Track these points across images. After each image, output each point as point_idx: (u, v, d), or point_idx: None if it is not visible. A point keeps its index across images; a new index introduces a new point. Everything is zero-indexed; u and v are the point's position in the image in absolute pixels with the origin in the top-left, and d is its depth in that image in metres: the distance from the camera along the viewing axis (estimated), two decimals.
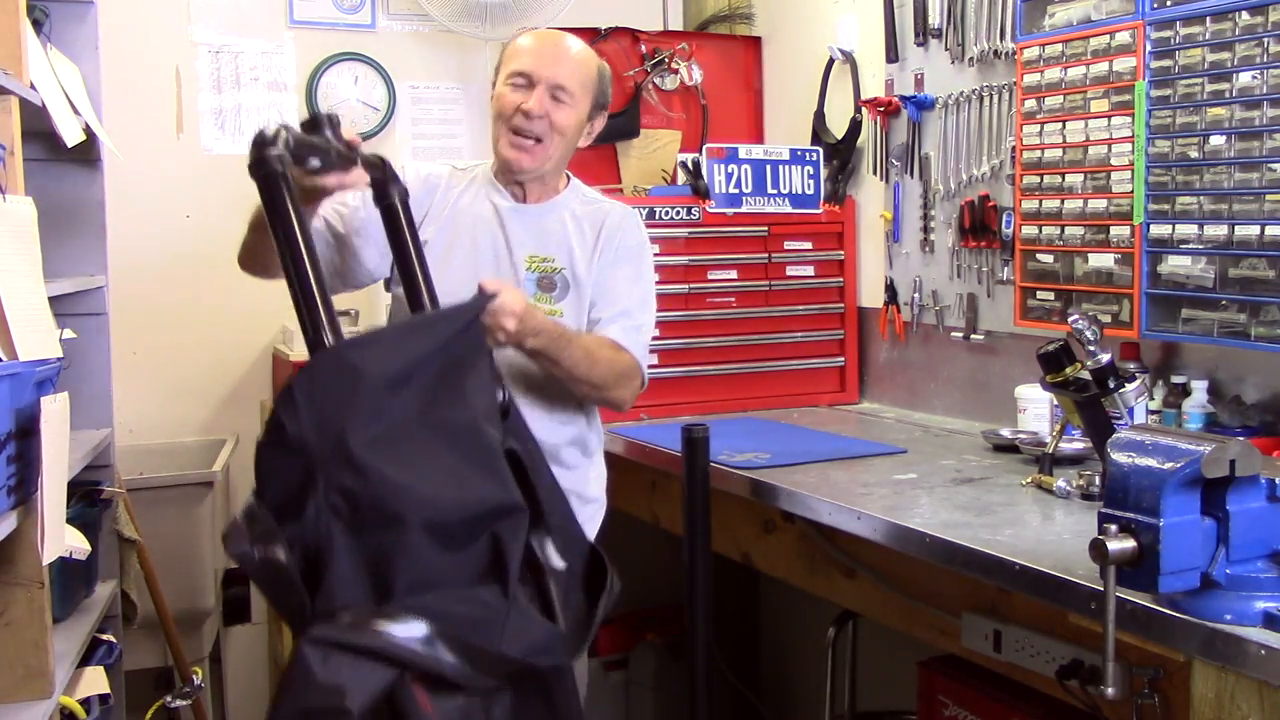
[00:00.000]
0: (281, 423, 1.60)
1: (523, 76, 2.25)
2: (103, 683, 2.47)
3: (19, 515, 1.93)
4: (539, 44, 2.30)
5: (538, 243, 2.30)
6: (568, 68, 2.27)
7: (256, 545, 1.57)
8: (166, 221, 3.50)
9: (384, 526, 1.60)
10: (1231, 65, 2.27)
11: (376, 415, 1.63)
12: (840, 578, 2.39)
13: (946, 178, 3.09)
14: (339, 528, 1.58)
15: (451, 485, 1.66)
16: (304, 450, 1.60)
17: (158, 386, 3.51)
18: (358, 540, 1.59)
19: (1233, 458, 1.47)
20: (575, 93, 2.27)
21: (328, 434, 1.60)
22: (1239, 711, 1.50)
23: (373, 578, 1.59)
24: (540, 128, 2.24)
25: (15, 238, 2.01)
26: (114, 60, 3.09)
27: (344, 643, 1.53)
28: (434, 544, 1.62)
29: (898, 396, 3.31)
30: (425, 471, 1.65)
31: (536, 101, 2.23)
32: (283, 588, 1.58)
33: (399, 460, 1.63)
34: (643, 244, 2.41)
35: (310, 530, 1.58)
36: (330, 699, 1.50)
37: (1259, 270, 2.24)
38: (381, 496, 1.60)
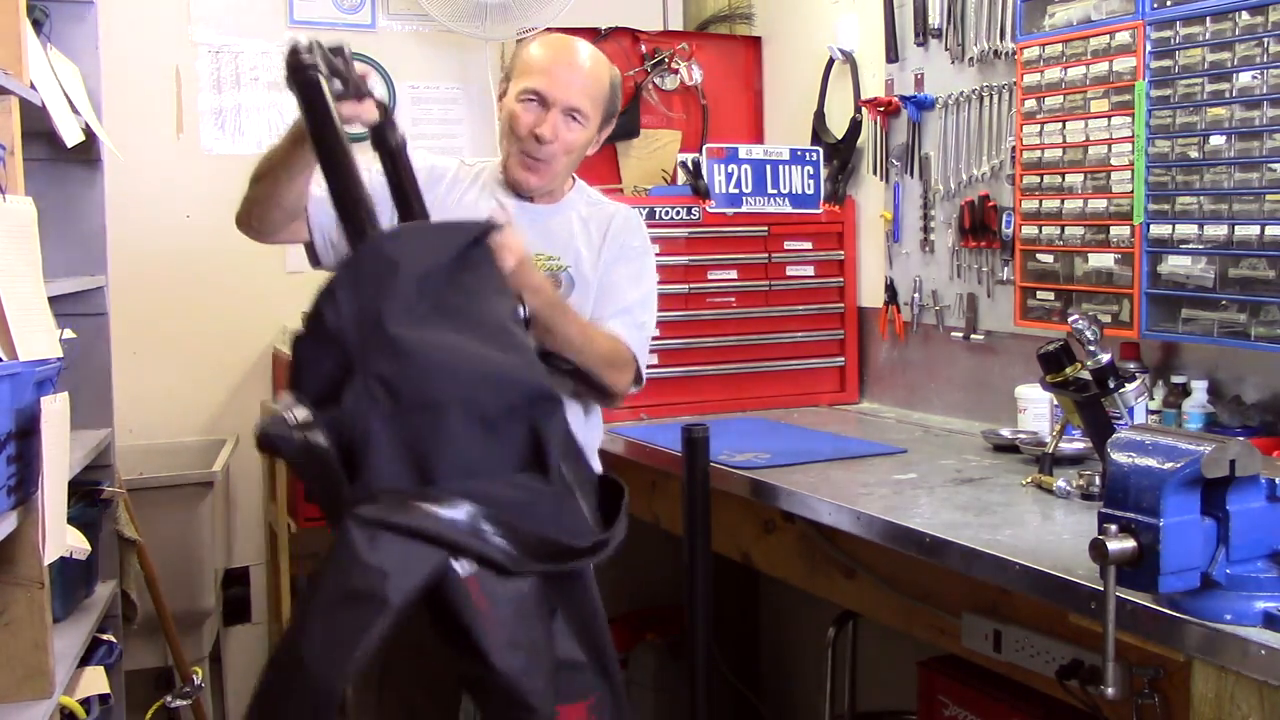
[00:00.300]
0: (321, 313, 1.61)
1: (536, 95, 2.22)
2: (103, 683, 2.47)
3: (19, 515, 1.93)
4: (554, 61, 2.25)
5: (545, 242, 2.30)
6: (582, 88, 2.24)
7: (295, 430, 1.55)
8: (166, 221, 3.50)
9: (423, 410, 1.60)
10: (1231, 65, 2.27)
11: (413, 305, 1.64)
12: (840, 578, 2.39)
13: (946, 178, 3.09)
14: (377, 413, 1.58)
15: (489, 370, 1.67)
16: (341, 339, 1.60)
17: (158, 386, 3.50)
18: (396, 427, 1.59)
19: (1233, 458, 1.47)
20: (589, 113, 2.26)
21: (366, 320, 1.61)
22: (1239, 711, 1.50)
23: (413, 464, 1.59)
24: (551, 152, 2.24)
25: (15, 238, 2.01)
26: (114, 60, 3.09)
27: (391, 523, 1.52)
28: (474, 429, 1.63)
29: (898, 396, 3.31)
30: (462, 356, 1.65)
31: (550, 127, 2.22)
32: (322, 472, 1.57)
33: (436, 344, 1.64)
34: (646, 245, 2.42)
35: (348, 417, 1.58)
36: (374, 582, 1.48)
37: (1259, 270, 2.24)
38: (420, 379, 1.60)
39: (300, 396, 1.60)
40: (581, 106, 2.24)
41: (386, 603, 1.48)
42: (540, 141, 2.23)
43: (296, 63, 1.71)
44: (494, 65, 3.81)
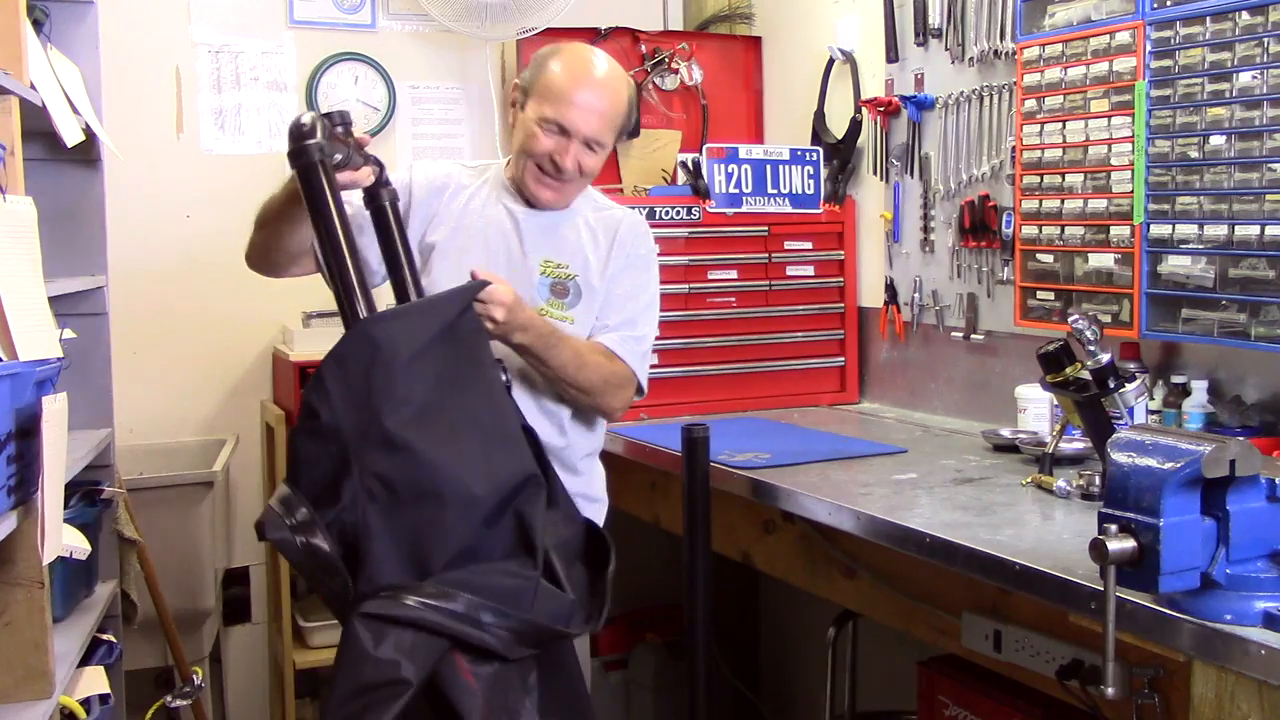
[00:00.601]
0: (315, 410, 1.66)
1: (557, 125, 2.21)
2: (103, 683, 2.47)
3: (19, 515, 1.93)
4: (578, 92, 2.20)
5: (553, 249, 2.29)
6: (602, 119, 2.23)
7: (296, 533, 1.62)
8: (166, 221, 3.50)
9: (421, 505, 1.65)
10: (1231, 65, 2.27)
11: (405, 396, 1.68)
12: (840, 578, 2.39)
13: (946, 178, 3.09)
14: (375, 510, 1.64)
15: (481, 463, 1.72)
16: (337, 436, 1.65)
17: (158, 386, 3.50)
18: (394, 521, 1.64)
19: (1233, 458, 1.47)
20: (608, 141, 2.27)
21: (361, 416, 1.65)
22: (1239, 711, 1.50)
23: (411, 557, 1.65)
24: (569, 176, 2.25)
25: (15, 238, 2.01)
26: (114, 60, 3.09)
27: (395, 617, 1.58)
28: (468, 521, 1.68)
29: (898, 396, 3.31)
30: (457, 450, 1.71)
31: (571, 158, 2.22)
32: (326, 572, 1.63)
33: (432, 439, 1.69)
34: (651, 252, 2.42)
35: (348, 514, 1.63)
36: (387, 672, 1.55)
37: (1259, 270, 2.24)
38: (418, 476, 1.65)
39: (298, 493, 1.65)
40: (602, 138, 2.24)
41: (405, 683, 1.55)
42: (560, 170, 2.23)
43: (299, 146, 1.73)
44: (494, 65, 3.81)
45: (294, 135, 1.74)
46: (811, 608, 3.42)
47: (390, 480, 1.65)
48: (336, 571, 1.63)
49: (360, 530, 1.64)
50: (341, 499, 1.64)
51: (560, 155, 2.21)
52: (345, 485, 1.65)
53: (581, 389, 2.21)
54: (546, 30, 3.56)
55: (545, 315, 2.21)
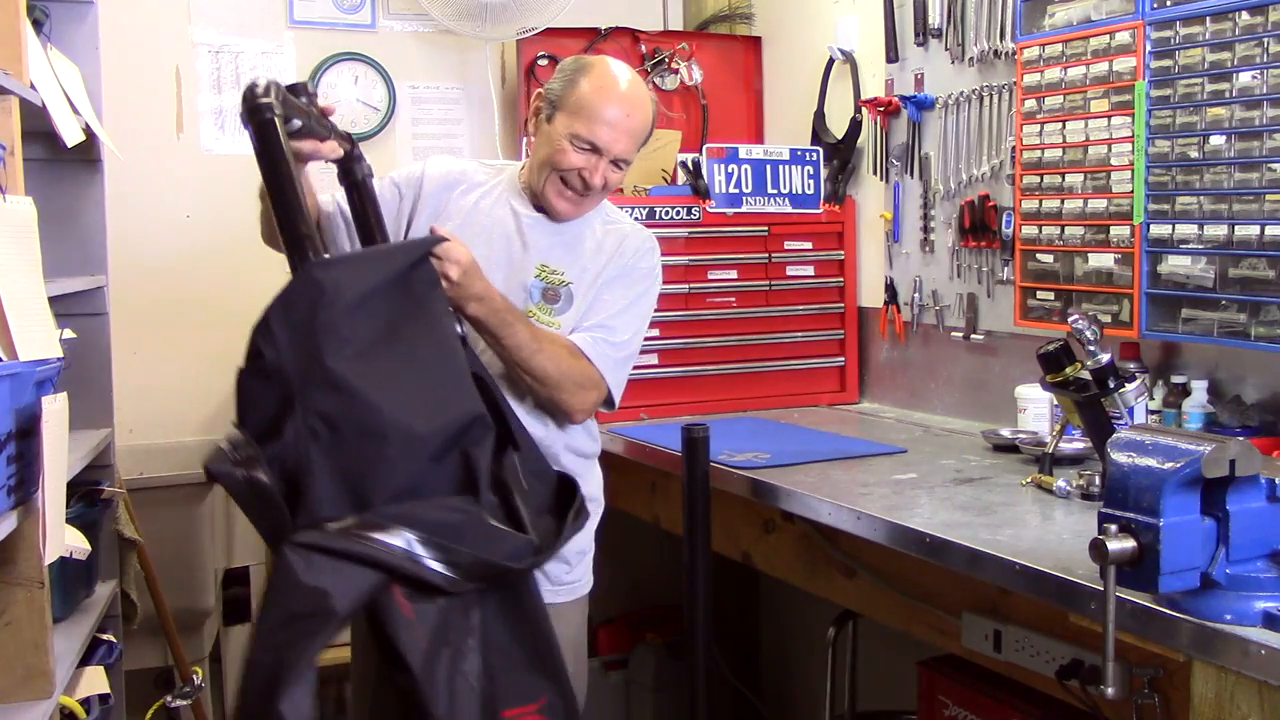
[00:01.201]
0: (260, 351, 1.68)
1: (590, 144, 2.21)
2: (103, 683, 2.47)
3: (19, 515, 1.93)
4: (612, 113, 2.21)
5: (552, 255, 2.28)
6: (632, 139, 2.25)
7: (239, 467, 1.64)
8: (166, 221, 3.50)
9: (362, 443, 1.67)
10: (1231, 65, 2.27)
11: (348, 336, 1.70)
12: (840, 578, 2.39)
13: (946, 178, 3.09)
14: (317, 448, 1.65)
15: (424, 401, 1.74)
16: (281, 376, 1.67)
17: (158, 386, 3.50)
18: (335, 458, 1.66)
19: (1233, 458, 1.47)
20: (632, 157, 2.28)
21: (304, 356, 1.67)
22: (1239, 711, 1.50)
23: (351, 494, 1.66)
24: (595, 193, 2.26)
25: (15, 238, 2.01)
26: (114, 60, 3.09)
27: (327, 547, 1.59)
28: (411, 459, 1.70)
29: (898, 396, 3.31)
30: (400, 389, 1.72)
31: (600, 176, 2.23)
32: (265, 506, 1.64)
33: (373, 378, 1.70)
34: (652, 272, 2.37)
35: (290, 451, 1.65)
36: (316, 601, 1.56)
37: (1259, 270, 2.24)
38: (359, 414, 1.67)
39: (244, 432, 1.68)
40: (630, 156, 2.26)
41: (332, 614, 1.56)
42: (588, 187, 2.23)
43: (252, 104, 1.72)
44: (494, 65, 3.81)
45: (247, 97, 1.75)
46: (811, 608, 3.42)
47: (332, 418, 1.67)
48: (275, 505, 1.65)
49: (302, 467, 1.65)
50: (284, 436, 1.66)
51: (590, 173, 2.22)
52: (288, 423, 1.66)
53: (535, 376, 2.15)
54: (546, 30, 3.57)
55: (532, 317, 2.21)
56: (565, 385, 2.18)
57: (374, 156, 3.67)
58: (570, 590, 2.32)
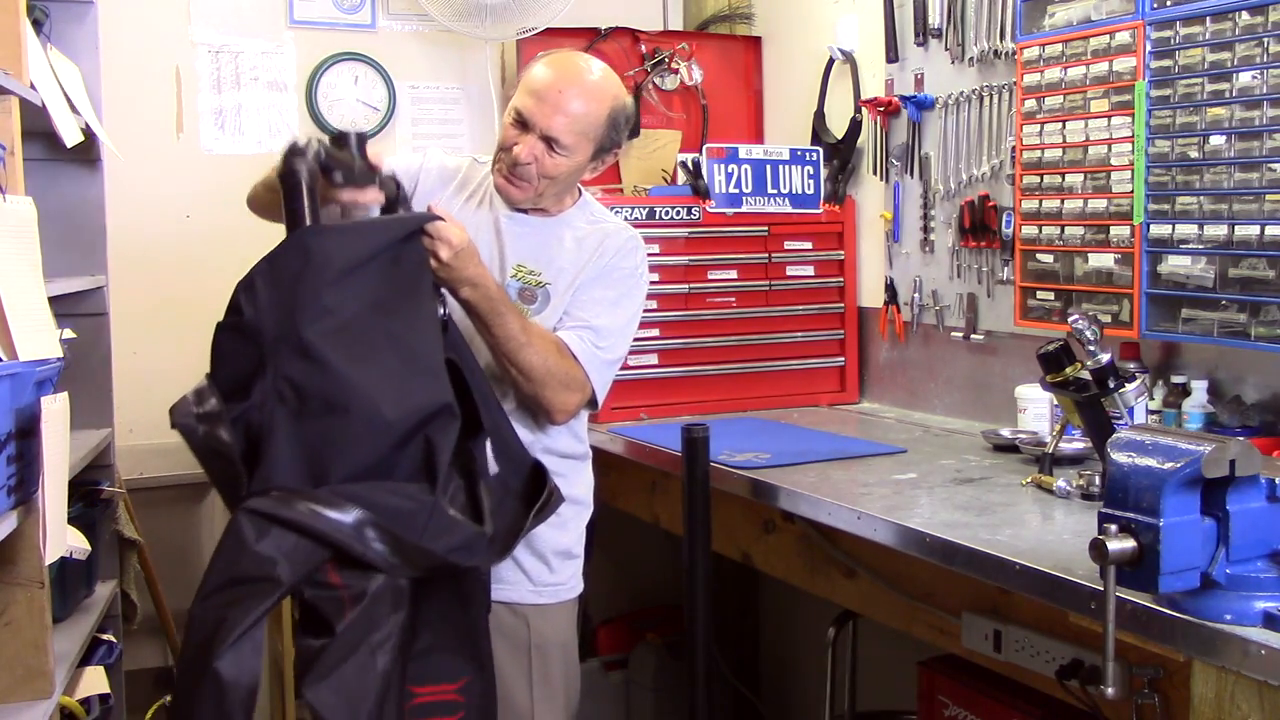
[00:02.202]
0: (240, 308, 1.74)
1: (517, 114, 2.18)
2: (103, 682, 2.47)
3: (19, 515, 1.93)
4: (548, 88, 2.16)
5: (530, 254, 2.25)
6: (567, 120, 2.16)
7: (202, 422, 1.69)
8: (166, 221, 3.50)
9: (326, 415, 1.71)
10: (1231, 65, 2.27)
11: (330, 307, 1.75)
12: (840, 578, 2.39)
13: (946, 178, 3.09)
14: (282, 413, 1.70)
15: (394, 383, 1.77)
16: (257, 335, 1.73)
17: (158, 386, 3.48)
18: (299, 426, 1.71)
19: (1233, 458, 1.47)
20: (570, 144, 2.17)
21: (283, 320, 1.72)
22: (1239, 711, 1.50)
23: (309, 464, 1.70)
24: (528, 173, 2.19)
25: (15, 238, 2.01)
26: (114, 60, 3.09)
27: (279, 517, 1.64)
28: (372, 439, 1.73)
29: (898, 396, 3.31)
30: (372, 367, 1.76)
31: (526, 150, 2.16)
32: (221, 463, 1.69)
33: (347, 353, 1.74)
34: (635, 271, 2.31)
35: (255, 412, 1.70)
36: (263, 568, 1.62)
37: (1259, 270, 2.24)
38: (328, 388, 1.71)
39: (213, 386, 1.74)
40: (561, 138, 2.16)
41: (278, 582, 1.62)
42: (516, 162, 2.18)
43: (289, 167, 1.81)
44: (494, 65, 3.81)
45: (287, 154, 1.82)
46: (811, 608, 3.42)
47: (300, 387, 1.71)
48: (231, 464, 1.68)
49: (264, 429, 1.69)
50: (251, 396, 1.70)
51: (520, 150, 2.16)
52: (257, 384, 1.71)
53: (521, 370, 2.11)
54: (546, 30, 3.56)
55: None
56: (550, 383, 2.13)
57: None
58: (554, 592, 2.28)
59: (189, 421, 1.70)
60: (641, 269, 2.33)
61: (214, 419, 1.69)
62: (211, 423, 1.69)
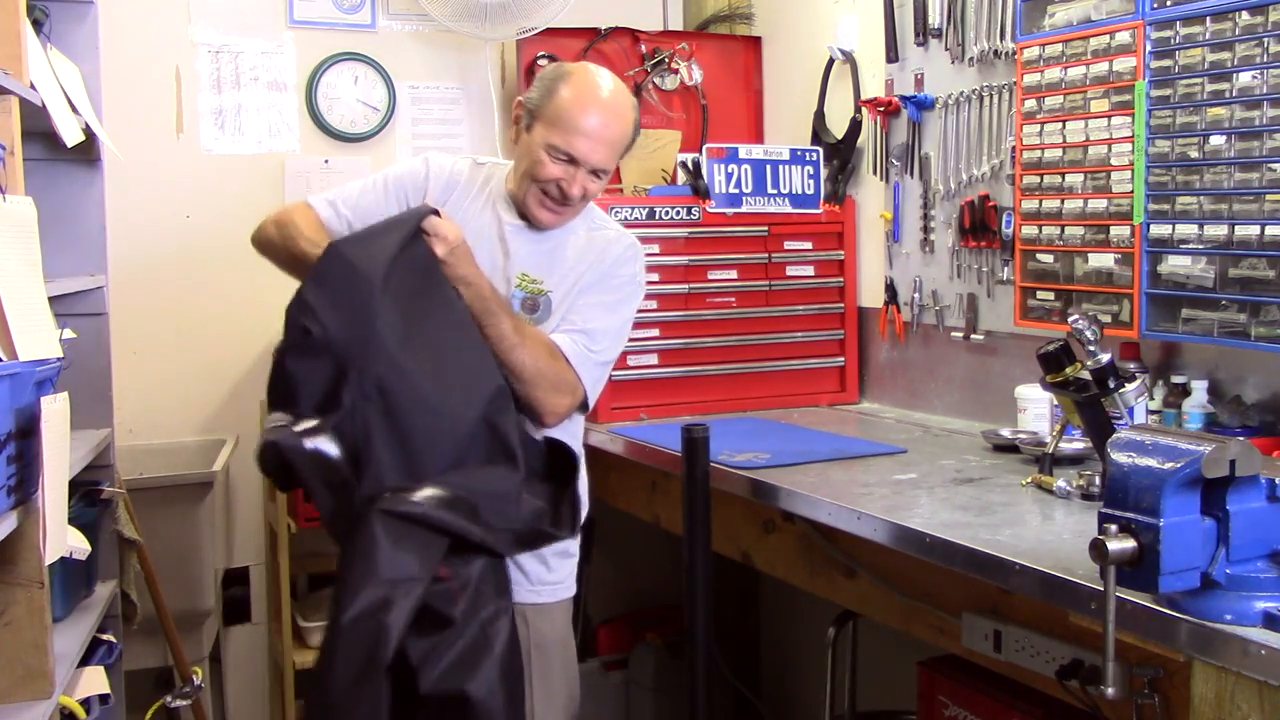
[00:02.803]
0: (305, 328, 1.81)
1: (566, 155, 2.19)
2: (103, 683, 2.47)
3: (19, 515, 1.93)
4: (589, 122, 2.18)
5: (534, 264, 2.27)
6: (611, 149, 2.22)
7: (305, 438, 1.76)
8: (166, 221, 3.50)
9: (415, 416, 1.81)
10: (1231, 65, 2.27)
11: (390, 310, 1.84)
12: (840, 578, 2.39)
13: (946, 178, 3.08)
14: (375, 414, 1.78)
15: (461, 378, 1.89)
16: (332, 349, 1.80)
17: (158, 386, 3.50)
18: (392, 426, 1.80)
19: (1233, 458, 1.47)
20: (613, 167, 2.26)
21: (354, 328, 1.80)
22: (1239, 711, 1.50)
23: (409, 463, 1.80)
24: (574, 203, 2.24)
25: (15, 238, 2.01)
26: (114, 60, 3.09)
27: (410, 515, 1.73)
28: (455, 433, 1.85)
29: (898, 396, 3.31)
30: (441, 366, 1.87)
31: (578, 186, 2.21)
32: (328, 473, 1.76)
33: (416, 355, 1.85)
34: (633, 279, 2.34)
35: (349, 419, 1.78)
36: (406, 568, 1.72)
37: (1259, 270, 2.24)
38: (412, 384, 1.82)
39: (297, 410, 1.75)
40: (608, 166, 2.24)
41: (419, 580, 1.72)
42: (566, 198, 2.21)
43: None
44: (494, 65, 3.81)
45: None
46: (811, 608, 3.42)
47: (388, 388, 1.79)
48: (339, 472, 1.75)
49: (363, 432, 1.77)
50: (343, 404, 1.77)
51: (567, 184, 2.20)
52: (345, 391, 1.78)
53: (513, 370, 2.11)
54: (546, 30, 3.57)
55: None
56: (541, 384, 2.14)
57: (374, 156, 3.72)
58: (552, 591, 2.30)
59: (294, 442, 1.75)
60: (639, 276, 2.36)
61: (315, 434, 1.76)
62: (314, 437, 1.76)
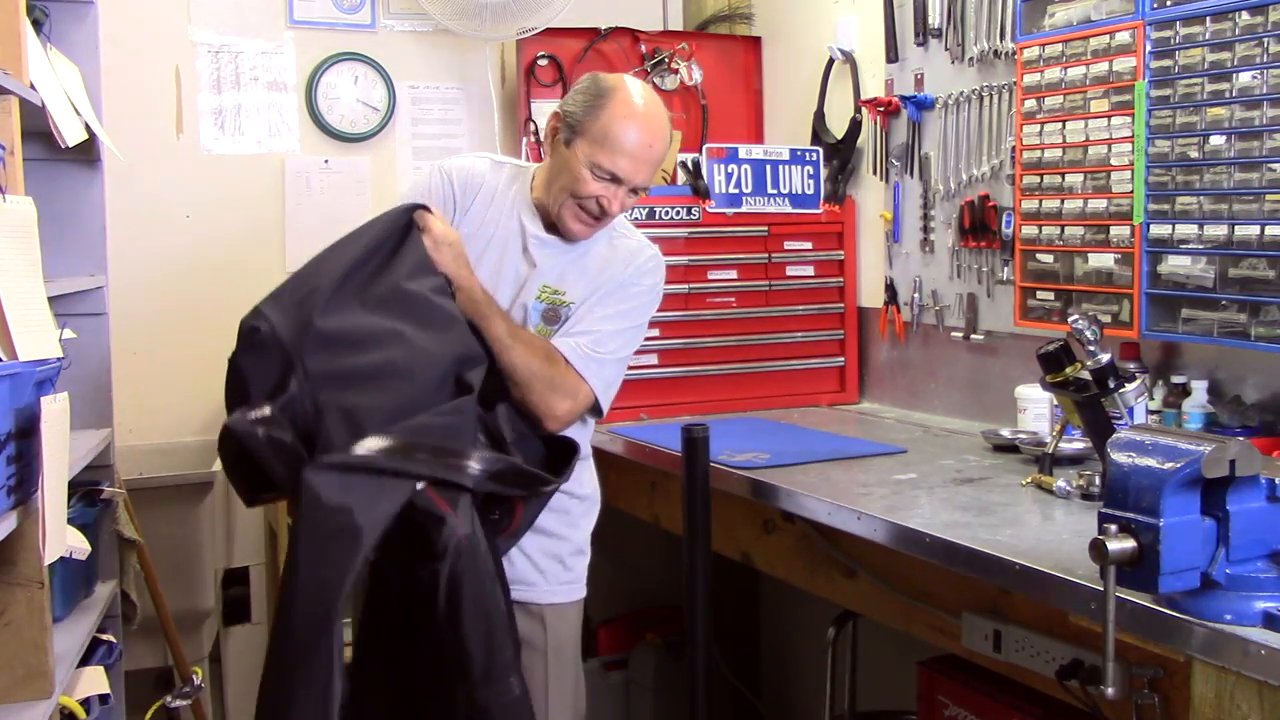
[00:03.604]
0: (253, 328, 1.87)
1: (611, 175, 2.17)
2: (103, 683, 2.47)
3: (19, 515, 1.93)
4: (634, 144, 2.17)
5: (557, 275, 2.26)
6: (654, 166, 2.22)
7: (260, 425, 1.80)
8: (166, 221, 3.50)
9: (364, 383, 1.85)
10: (1231, 65, 2.27)
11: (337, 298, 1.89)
12: (840, 578, 2.39)
13: (946, 178, 3.08)
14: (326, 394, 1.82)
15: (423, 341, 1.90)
16: (277, 341, 1.85)
17: (158, 386, 3.50)
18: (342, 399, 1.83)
19: (1233, 458, 1.47)
20: (651, 185, 2.26)
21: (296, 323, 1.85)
22: (1239, 711, 1.50)
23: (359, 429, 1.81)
24: (612, 218, 2.24)
25: (15, 238, 2.01)
26: (114, 60, 3.09)
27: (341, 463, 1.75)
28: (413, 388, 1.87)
29: (898, 396, 3.31)
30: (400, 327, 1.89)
31: (619, 203, 2.20)
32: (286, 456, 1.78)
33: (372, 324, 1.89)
34: (652, 290, 2.33)
35: (297, 401, 1.82)
36: (340, 518, 1.70)
37: (1259, 270, 2.24)
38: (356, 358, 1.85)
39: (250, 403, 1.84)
40: (649, 184, 2.24)
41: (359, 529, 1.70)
42: (605, 214, 2.21)
43: None
44: (494, 65, 3.81)
45: None
46: (811, 608, 3.42)
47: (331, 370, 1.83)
48: (297, 453, 1.78)
49: (312, 410, 1.81)
50: (289, 388, 1.82)
51: (608, 202, 2.19)
52: (291, 377, 1.82)
53: (506, 372, 2.11)
54: (546, 30, 3.57)
55: None
56: (534, 386, 2.11)
57: (374, 156, 3.72)
58: (567, 591, 2.32)
59: (248, 428, 1.79)
60: (658, 290, 2.36)
61: (269, 421, 1.79)
62: (269, 424, 1.79)
